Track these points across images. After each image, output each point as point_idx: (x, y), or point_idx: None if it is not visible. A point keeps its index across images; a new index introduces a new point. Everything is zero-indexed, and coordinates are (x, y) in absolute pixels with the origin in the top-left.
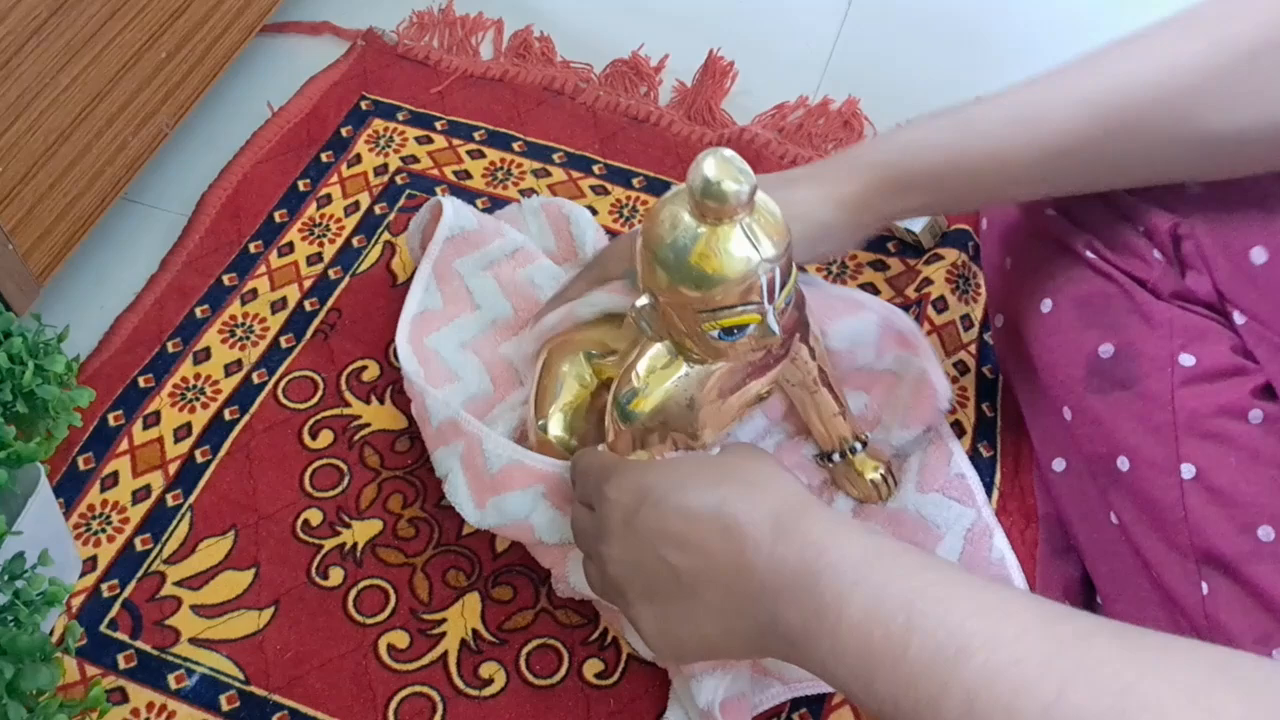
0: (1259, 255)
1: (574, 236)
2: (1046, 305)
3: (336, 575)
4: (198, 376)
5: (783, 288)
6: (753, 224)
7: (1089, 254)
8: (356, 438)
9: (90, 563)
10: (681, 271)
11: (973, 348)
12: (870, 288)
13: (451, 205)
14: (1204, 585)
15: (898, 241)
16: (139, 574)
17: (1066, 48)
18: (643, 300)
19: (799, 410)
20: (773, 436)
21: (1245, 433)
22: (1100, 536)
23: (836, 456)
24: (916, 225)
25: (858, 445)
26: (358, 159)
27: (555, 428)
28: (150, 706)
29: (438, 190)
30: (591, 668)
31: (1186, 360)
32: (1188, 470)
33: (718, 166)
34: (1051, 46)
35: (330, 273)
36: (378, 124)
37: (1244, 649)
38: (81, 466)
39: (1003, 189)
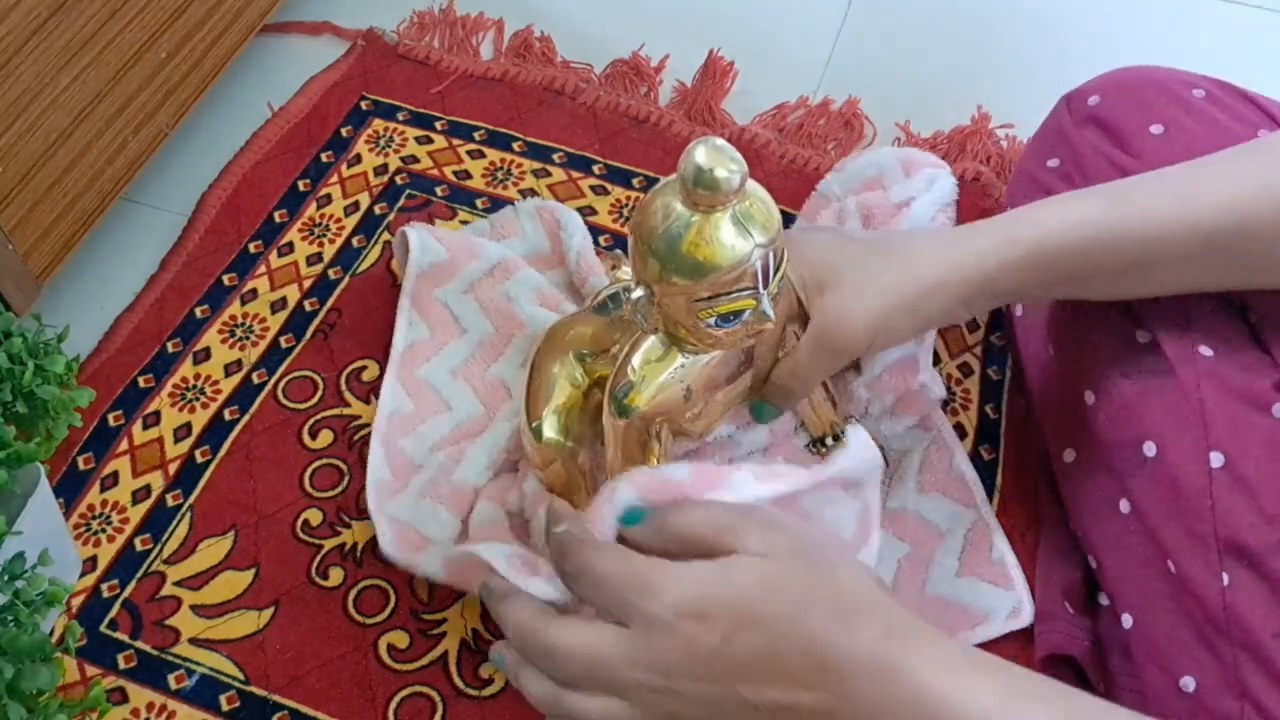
0: None
1: (563, 241)
2: None
3: (336, 575)
4: (198, 376)
5: (775, 272)
6: (744, 211)
7: None
8: (356, 438)
9: (90, 563)
10: (675, 261)
11: (978, 350)
12: None
13: (417, 238)
14: (1225, 576)
15: None
16: (139, 574)
17: (1066, 47)
18: (638, 292)
19: None
20: (763, 428)
21: (1270, 425)
22: (1108, 529)
23: (829, 441)
24: None
25: (847, 429)
26: (358, 159)
27: (549, 430)
28: (150, 707)
29: (437, 190)
30: None
31: (1206, 351)
32: (1217, 459)
33: (709, 155)
34: (1052, 46)
35: (330, 273)
36: (378, 124)
37: (1262, 642)
38: (81, 466)
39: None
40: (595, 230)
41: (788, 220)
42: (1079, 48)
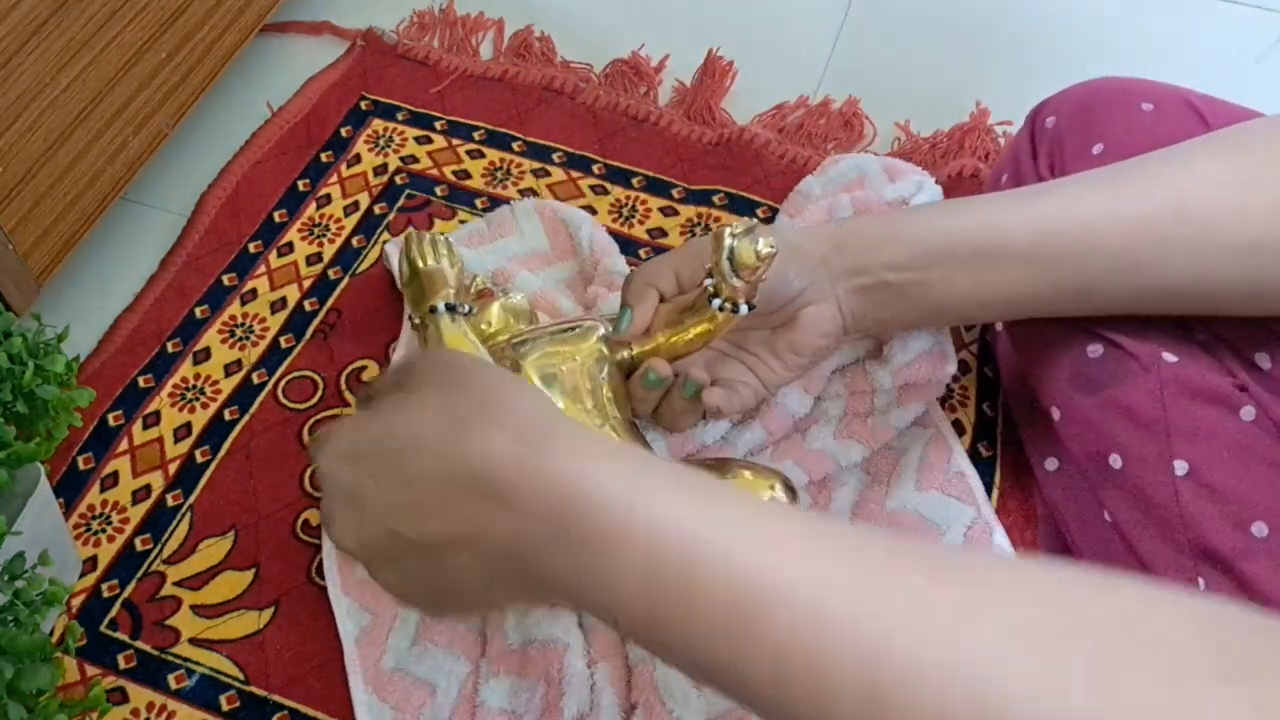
0: None
1: (573, 236)
2: None
3: None
4: (198, 376)
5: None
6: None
7: None
8: None
9: (90, 563)
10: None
11: (974, 348)
12: None
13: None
14: (1200, 581)
15: None
16: (139, 574)
17: (1065, 46)
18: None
19: None
20: (758, 427)
21: (1237, 429)
22: (1094, 535)
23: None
24: None
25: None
26: (357, 159)
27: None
28: (150, 707)
29: (437, 190)
30: None
31: (1169, 358)
32: (1180, 467)
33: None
34: (1051, 44)
35: (330, 273)
36: (377, 124)
37: None
38: (81, 466)
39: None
40: None
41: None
42: (1078, 46)
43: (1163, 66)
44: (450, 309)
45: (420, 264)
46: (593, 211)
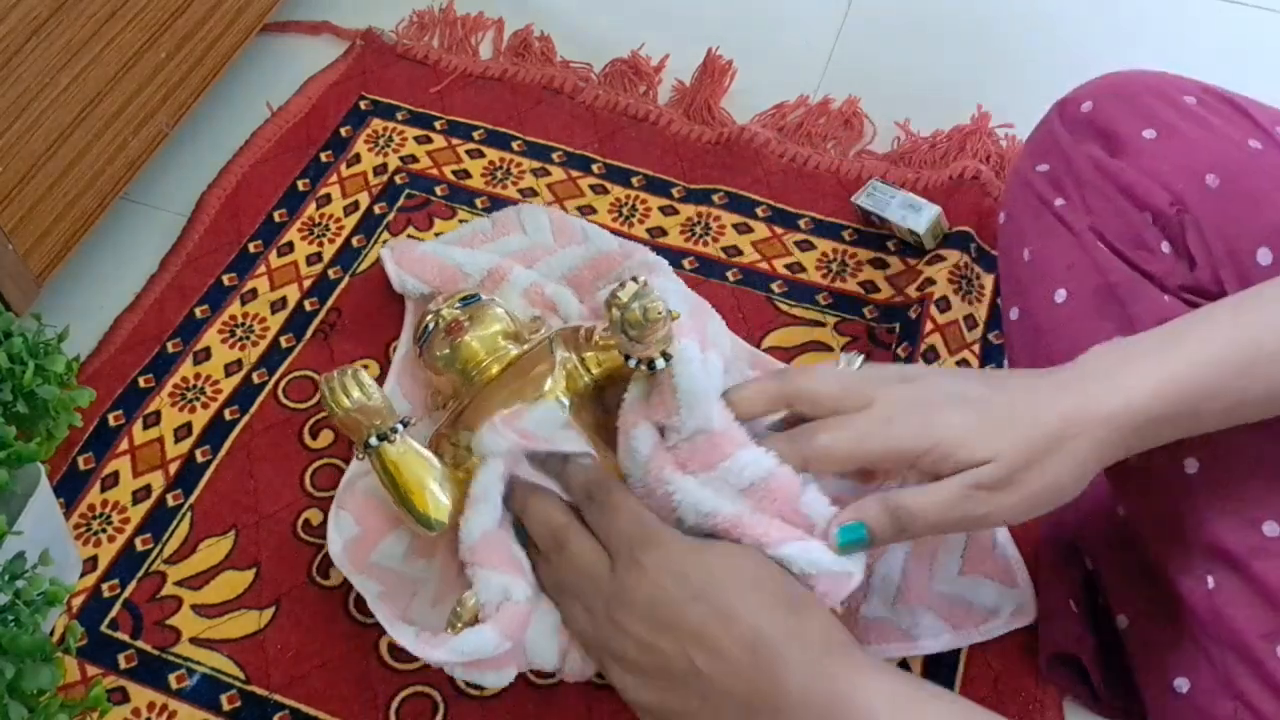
0: (1264, 256)
1: (585, 233)
2: (1061, 295)
3: (337, 575)
4: (198, 376)
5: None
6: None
7: (1100, 244)
8: None
9: (90, 563)
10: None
11: (976, 348)
12: (870, 285)
13: (396, 277)
14: (1210, 580)
15: (898, 241)
16: (139, 574)
17: (1066, 47)
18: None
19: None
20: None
21: (1250, 426)
22: (1104, 532)
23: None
24: (920, 226)
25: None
26: (357, 159)
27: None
28: (151, 706)
29: (436, 190)
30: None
31: None
32: (1191, 465)
33: None
34: (1051, 45)
35: (330, 272)
36: (377, 124)
37: (1251, 644)
38: (82, 466)
39: None
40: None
41: (788, 216)
42: (1078, 47)
43: (1164, 66)
44: (383, 438)
45: (338, 410)
46: (593, 211)
